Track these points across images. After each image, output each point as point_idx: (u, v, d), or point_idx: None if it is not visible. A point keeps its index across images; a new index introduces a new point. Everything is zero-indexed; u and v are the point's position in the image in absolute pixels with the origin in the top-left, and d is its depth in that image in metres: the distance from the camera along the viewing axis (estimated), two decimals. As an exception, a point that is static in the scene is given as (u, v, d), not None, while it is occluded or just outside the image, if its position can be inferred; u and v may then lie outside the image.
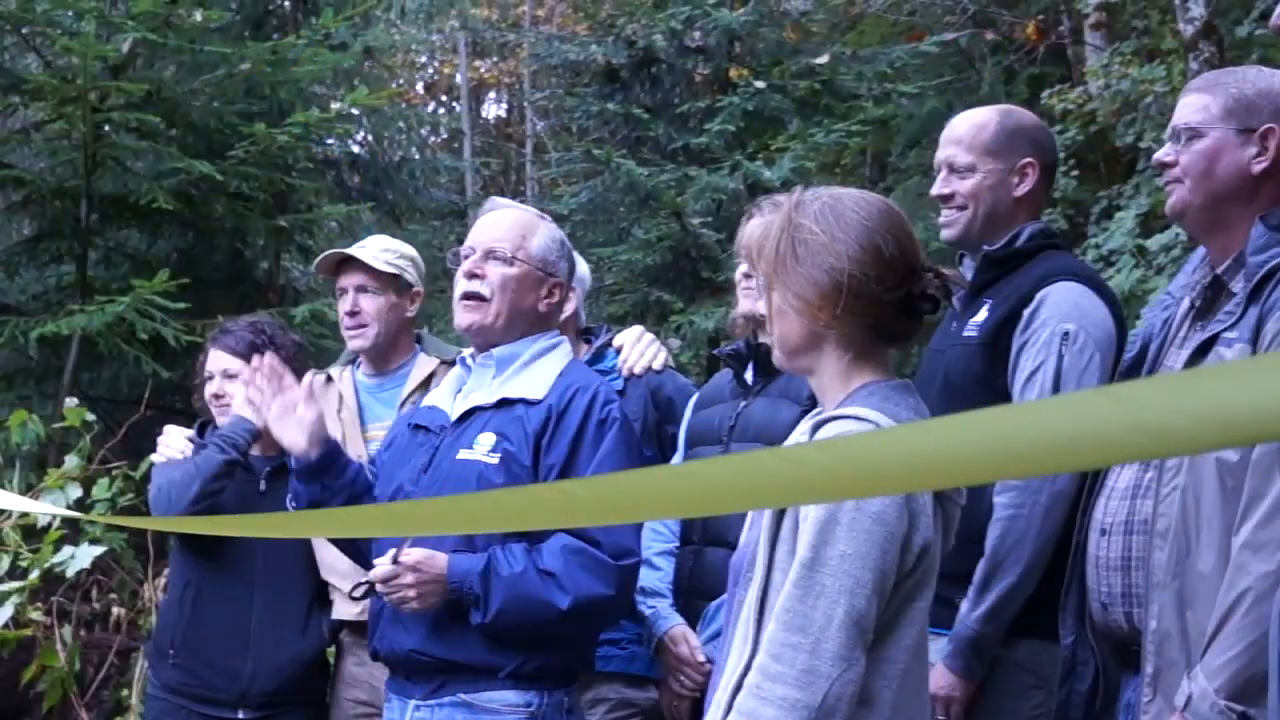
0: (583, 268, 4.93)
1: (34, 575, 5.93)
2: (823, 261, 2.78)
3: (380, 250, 4.97)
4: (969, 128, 4.06)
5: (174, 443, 4.91)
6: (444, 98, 27.32)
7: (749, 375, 4.39)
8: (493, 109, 28.93)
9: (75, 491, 6.05)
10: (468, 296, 4.00)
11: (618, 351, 4.78)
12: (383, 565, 3.80)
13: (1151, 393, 1.05)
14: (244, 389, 4.16)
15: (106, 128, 8.60)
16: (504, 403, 3.94)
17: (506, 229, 4.05)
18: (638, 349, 4.77)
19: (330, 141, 10.86)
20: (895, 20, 14.33)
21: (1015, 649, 3.77)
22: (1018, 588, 3.70)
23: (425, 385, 4.78)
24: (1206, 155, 3.36)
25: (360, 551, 4.09)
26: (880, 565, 2.64)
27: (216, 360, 4.86)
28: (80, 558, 5.79)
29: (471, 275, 4.00)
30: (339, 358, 5.28)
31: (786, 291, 2.83)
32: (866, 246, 2.78)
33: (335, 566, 4.62)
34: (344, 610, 4.67)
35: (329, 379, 5.03)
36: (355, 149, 11.83)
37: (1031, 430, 1.12)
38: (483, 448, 3.88)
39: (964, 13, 13.22)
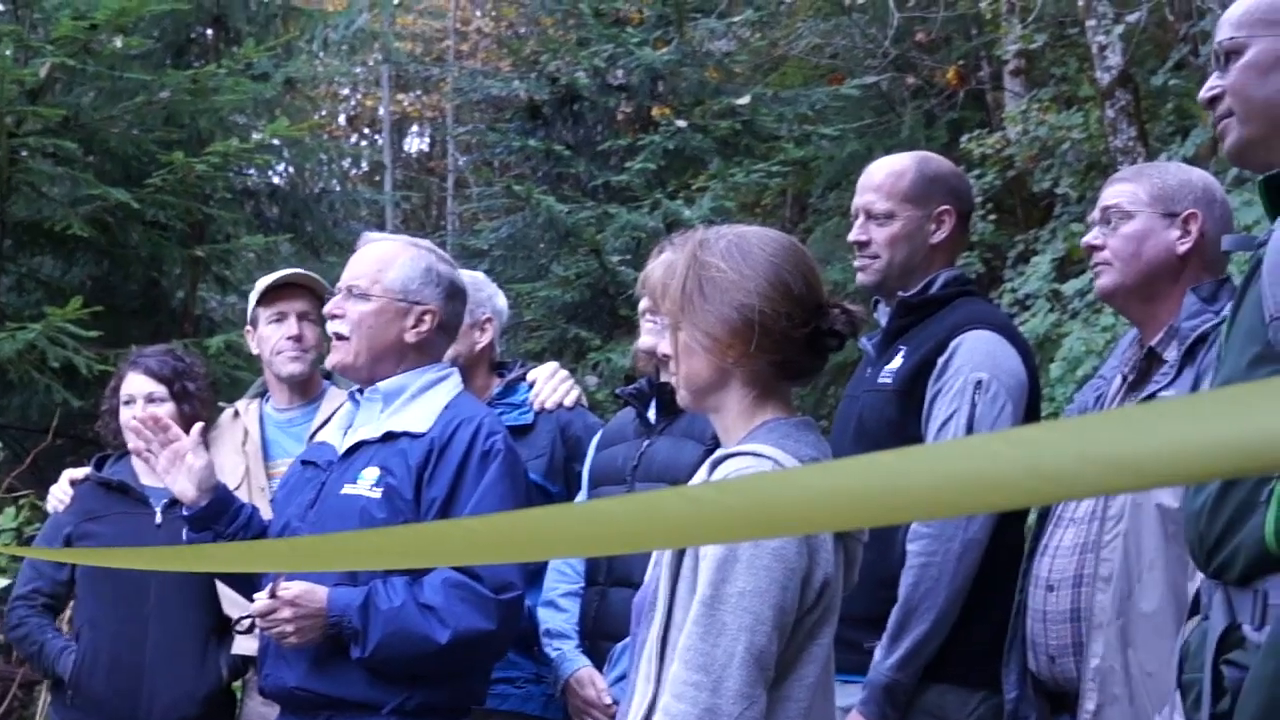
0: (500, 301, 4.91)
1: (-64, 606, 5.83)
2: (732, 299, 2.76)
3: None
4: (887, 175, 4.06)
5: (56, 491, 4.86)
6: (366, 130, 27.30)
7: (651, 414, 4.38)
8: (415, 143, 28.92)
9: (-20, 521, 5.96)
10: (335, 336, 3.98)
11: (530, 385, 4.75)
12: (261, 599, 3.76)
13: (1048, 436, 1.05)
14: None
15: (22, 153, 8.52)
16: (389, 436, 3.90)
17: (366, 265, 3.99)
18: (550, 384, 4.74)
19: (250, 172, 10.81)
20: (817, 63, 14.42)
21: (921, 694, 3.77)
22: (931, 635, 3.71)
23: (337, 419, 4.74)
24: (1135, 238, 3.58)
25: (255, 586, 4.04)
26: (780, 602, 2.62)
27: (138, 384, 4.79)
28: (-15, 592, 5.70)
29: (333, 316, 3.97)
30: (248, 390, 5.22)
31: (695, 329, 2.80)
32: (775, 283, 2.77)
33: (238, 600, 4.56)
34: (245, 645, 4.61)
35: (235, 413, 4.98)
36: (275, 180, 11.78)
37: (930, 472, 1.12)
38: (366, 482, 3.85)
39: (885, 57, 13.31)
